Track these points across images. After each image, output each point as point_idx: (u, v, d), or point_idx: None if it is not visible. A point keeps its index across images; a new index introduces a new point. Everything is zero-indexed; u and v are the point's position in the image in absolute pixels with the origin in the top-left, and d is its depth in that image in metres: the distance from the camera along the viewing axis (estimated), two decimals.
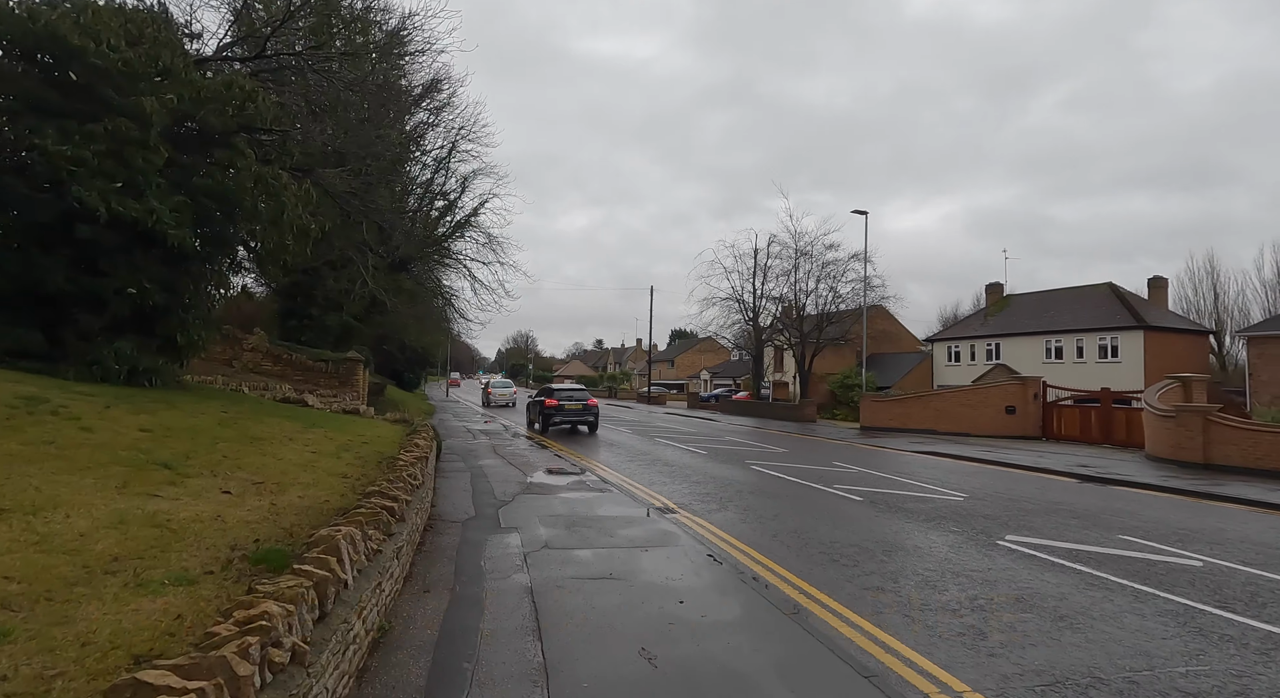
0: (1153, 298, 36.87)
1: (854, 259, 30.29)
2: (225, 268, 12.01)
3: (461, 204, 31.46)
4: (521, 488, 9.95)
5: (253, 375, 20.83)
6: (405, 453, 8.41)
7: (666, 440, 18.55)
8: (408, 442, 10.08)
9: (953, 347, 41.56)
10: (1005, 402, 22.79)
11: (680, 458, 14.42)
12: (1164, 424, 14.52)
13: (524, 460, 13.34)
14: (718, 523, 7.78)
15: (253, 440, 7.77)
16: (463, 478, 10.81)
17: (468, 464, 12.56)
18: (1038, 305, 38.83)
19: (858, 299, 30.38)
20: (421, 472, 7.41)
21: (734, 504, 8.99)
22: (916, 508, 8.90)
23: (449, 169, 30.22)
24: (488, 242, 31.47)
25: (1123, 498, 10.25)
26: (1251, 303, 48.90)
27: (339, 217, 22.04)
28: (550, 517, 7.90)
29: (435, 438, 12.64)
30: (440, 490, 9.44)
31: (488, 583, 5.31)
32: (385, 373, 44.95)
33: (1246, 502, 9.86)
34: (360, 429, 11.59)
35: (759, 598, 5.12)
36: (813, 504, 9.12)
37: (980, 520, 8.15)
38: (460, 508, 8.33)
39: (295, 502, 5.72)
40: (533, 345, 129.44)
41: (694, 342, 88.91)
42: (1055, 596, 5.31)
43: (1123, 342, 31.87)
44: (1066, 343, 34.49)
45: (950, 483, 11.30)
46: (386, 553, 4.31)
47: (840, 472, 12.47)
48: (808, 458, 15.01)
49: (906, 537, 7.24)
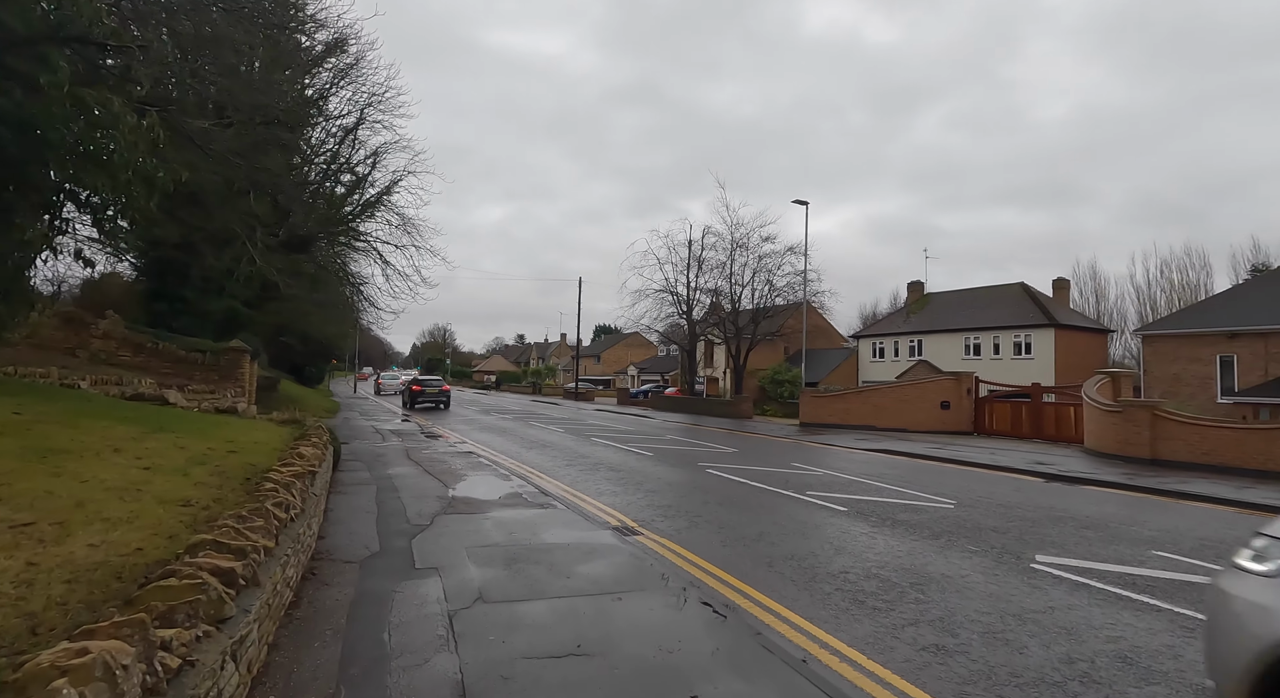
0: (1057, 298, 38.94)
1: (790, 252, 29.80)
2: (44, 227, 9.21)
3: (373, 180, 28.27)
4: (442, 505, 7.99)
5: (106, 368, 17.29)
6: (283, 466, 6.29)
7: (604, 440, 16.89)
8: (291, 449, 7.87)
9: (877, 343, 42.39)
10: (940, 397, 22.80)
11: (625, 461, 12.81)
12: (1109, 419, 14.44)
13: (444, 468, 11.28)
14: (695, 548, 6.23)
15: (46, 454, 5.43)
16: (366, 493, 8.69)
17: (374, 474, 10.38)
18: (957, 304, 40.18)
19: (794, 293, 29.94)
20: (301, 494, 5.38)
21: (704, 520, 7.48)
22: (912, 520, 7.74)
23: (357, 140, 27.03)
24: (402, 223, 28.50)
25: (1104, 500, 9.61)
26: (1129, 305, 53.30)
27: (220, 183, 18.84)
28: (483, 548, 6.06)
29: (332, 442, 10.37)
30: (334, 513, 7.33)
31: (394, 680, 3.45)
32: (283, 367, 40.49)
33: (1225, 501, 9.45)
34: (232, 433, 9.18)
35: (806, 685, 3.57)
36: (795, 519, 7.76)
37: (991, 535, 7.05)
38: (360, 538, 6.32)
39: (78, 556, 3.63)
40: (451, 340, 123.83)
41: (620, 337, 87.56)
42: (1169, 651, 4.11)
43: (1036, 339, 33.30)
44: (984, 340, 35.75)
45: (927, 486, 10.33)
46: (203, 667, 2.41)
47: (805, 475, 11.29)
48: (763, 459, 13.81)
49: (927, 563, 5.98)
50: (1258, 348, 27.83)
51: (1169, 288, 50.36)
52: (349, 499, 8.21)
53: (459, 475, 10.43)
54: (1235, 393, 27.53)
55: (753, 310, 31.10)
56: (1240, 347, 28.35)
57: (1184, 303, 46.75)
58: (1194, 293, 48.40)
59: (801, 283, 29.36)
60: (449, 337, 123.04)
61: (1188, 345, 29.58)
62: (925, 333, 39.21)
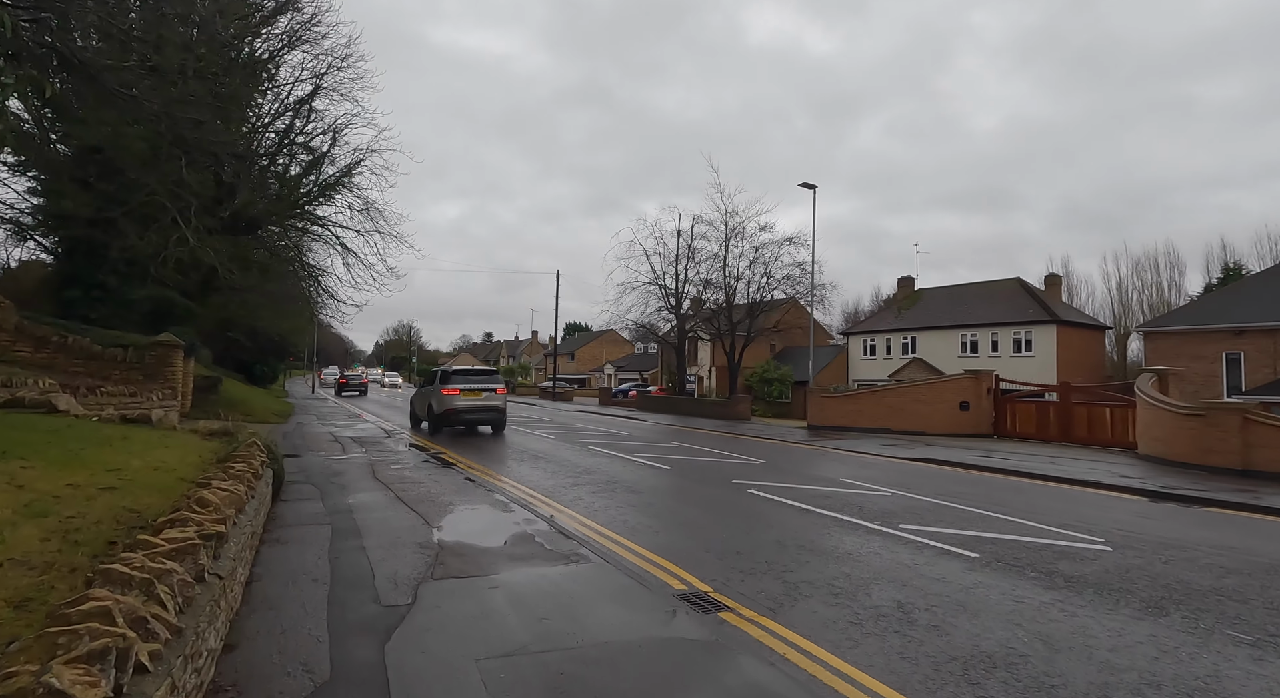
0: (1049, 294, 38.09)
1: (789, 242, 27.84)
2: None
3: (333, 158, 25.25)
4: (427, 560, 5.58)
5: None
6: (173, 526, 3.81)
7: (605, 449, 14.56)
8: (208, 478, 5.35)
9: (868, 340, 40.98)
10: (959, 397, 21.12)
11: (642, 478, 10.53)
12: (1185, 424, 12.77)
13: (422, 492, 8.81)
14: (838, 647, 4.01)
15: None
16: (315, 540, 6.21)
17: (329, 504, 7.86)
18: (949, 299, 39.01)
19: (793, 286, 28.00)
20: (195, 573, 2.94)
21: (810, 584, 5.26)
22: (1079, 573, 5.66)
23: (313, 111, 23.99)
24: (365, 207, 25.61)
25: (1266, 534, 7.75)
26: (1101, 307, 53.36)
27: (144, 148, 15.83)
28: (503, 661, 3.70)
29: (272, 462, 7.82)
30: (263, 585, 4.86)
31: None
32: (229, 365, 36.92)
33: None
34: (124, 456, 6.59)
35: None
36: (929, 575, 5.61)
37: (1231, 606, 5.01)
38: (298, 646, 3.88)
39: None
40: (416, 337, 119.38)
41: (593, 335, 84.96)
42: None
43: (1036, 335, 32.19)
44: (981, 337, 34.55)
45: (1031, 512, 8.32)
46: None
47: (871, 496, 9.18)
48: (800, 473, 11.69)
49: (1168, 659, 3.87)
50: (1265, 345, 27.07)
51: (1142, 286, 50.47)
52: (289, 554, 5.72)
53: (443, 505, 7.99)
54: (1243, 391, 26.69)
55: (748, 305, 29.10)
56: (1247, 343, 27.57)
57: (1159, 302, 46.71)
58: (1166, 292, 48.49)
59: (802, 275, 27.50)
60: (414, 334, 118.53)
61: (1192, 343, 28.72)
62: (918, 329, 37.91)
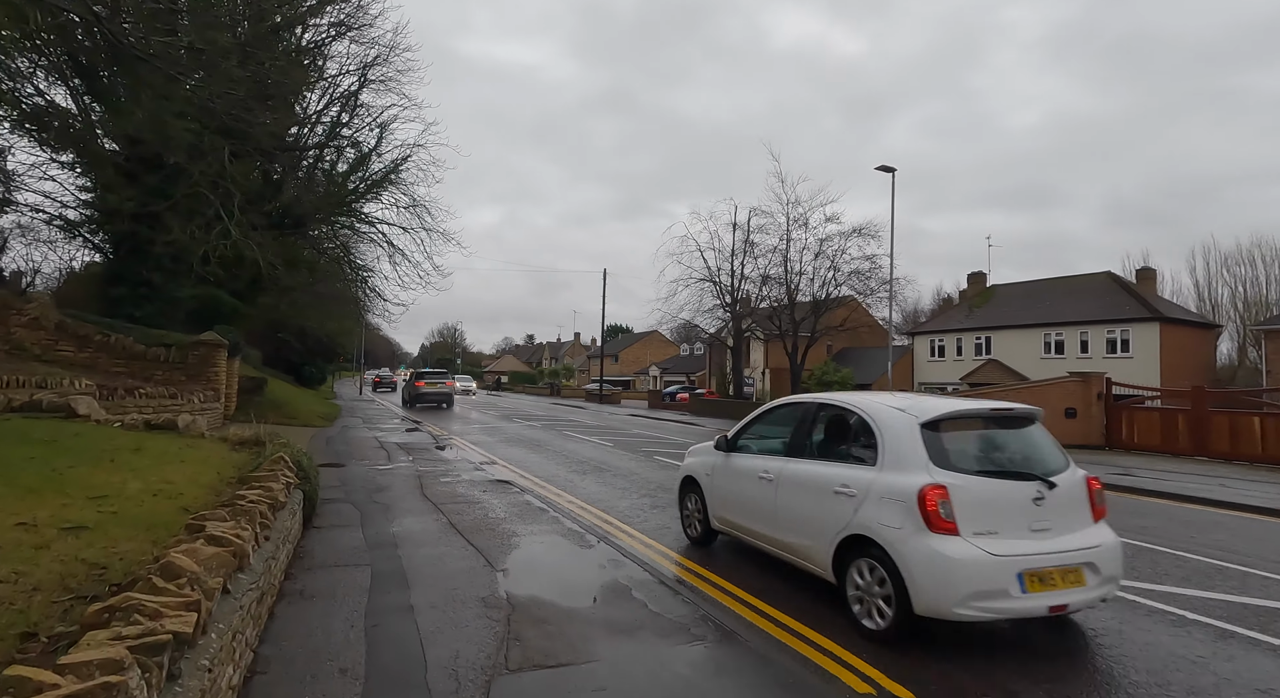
0: (1143, 290, 34.67)
1: (858, 234, 25.67)
2: None
3: (380, 152, 24.46)
4: (497, 635, 4.02)
5: (33, 364, 13.52)
6: (106, 625, 2.36)
7: (672, 460, 12.93)
8: (202, 517, 3.94)
9: (936, 340, 38.22)
10: (1064, 403, 18.69)
11: None
12: None
13: (478, 516, 7.33)
14: None
15: None
16: (349, 597, 4.72)
17: (369, 534, 6.44)
18: (1027, 296, 35.96)
19: (862, 281, 25.81)
20: None
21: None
22: None
23: (359, 106, 23.22)
24: (412, 204, 24.78)
25: None
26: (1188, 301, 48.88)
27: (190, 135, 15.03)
28: None
29: (301, 481, 6.47)
30: (269, 678, 3.39)
31: None
32: (280, 367, 36.82)
33: None
34: (121, 476, 5.30)
35: None
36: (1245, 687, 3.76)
37: None
38: None
39: None
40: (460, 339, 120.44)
41: (635, 336, 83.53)
42: None
43: (1135, 335, 29.05)
44: (1069, 336, 31.51)
45: None
46: None
47: None
48: None
49: None
50: None
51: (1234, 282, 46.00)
52: (312, 619, 4.25)
53: (505, 536, 6.48)
54: None
55: (811, 302, 27.04)
56: None
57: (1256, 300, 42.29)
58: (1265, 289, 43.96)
59: (872, 269, 25.32)
60: (459, 336, 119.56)
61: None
62: (993, 329, 35.01)
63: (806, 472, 4.73)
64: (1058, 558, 3.77)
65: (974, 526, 3.74)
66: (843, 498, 4.27)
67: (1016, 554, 3.69)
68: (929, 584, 3.68)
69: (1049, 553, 3.77)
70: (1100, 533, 4.05)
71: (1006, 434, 4.37)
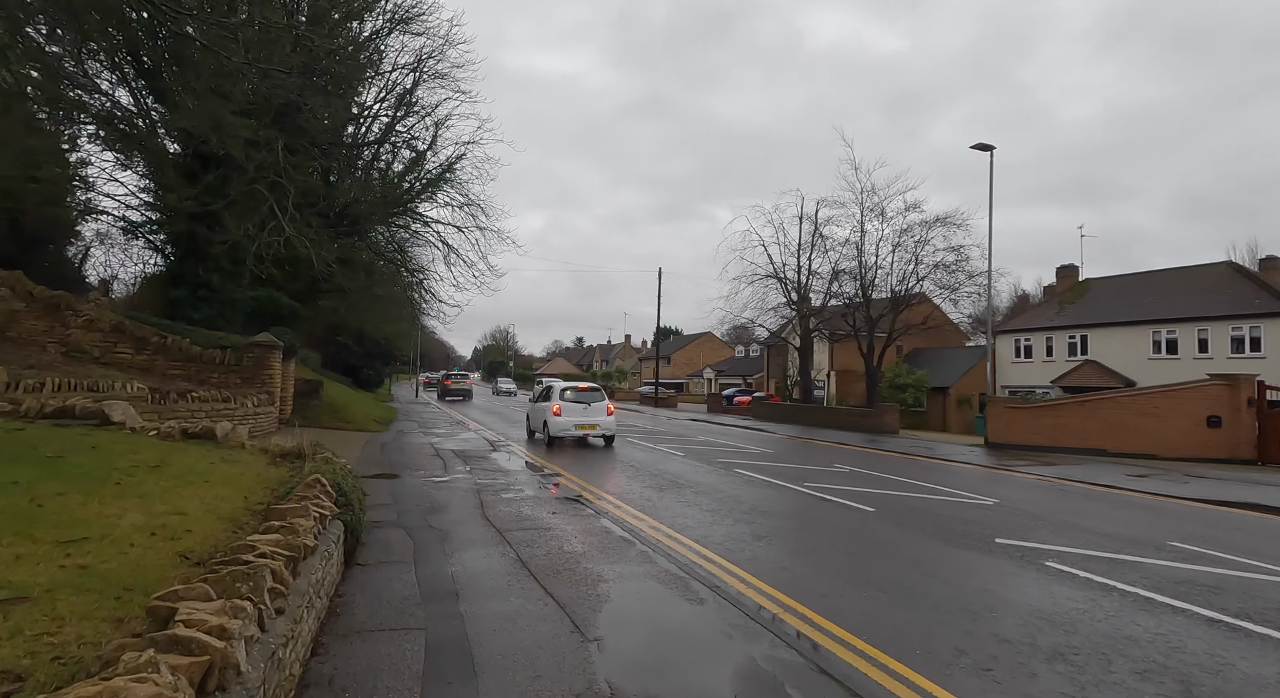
0: (1271, 279, 30.74)
1: (942, 223, 23.41)
2: None
3: (435, 150, 23.77)
4: None
5: (92, 366, 13.12)
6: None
7: (754, 473, 11.38)
8: (170, 593, 2.74)
9: (1022, 339, 35.05)
10: (1206, 410, 16.12)
11: (849, 526, 7.25)
12: None
13: (553, 551, 6.01)
14: None
15: None
16: (396, 685, 3.45)
17: (423, 577, 5.19)
18: (1127, 290, 32.49)
19: (949, 274, 23.50)
20: None
21: None
22: None
23: (415, 101, 22.55)
24: (466, 203, 23.97)
25: None
26: None
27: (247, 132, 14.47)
28: None
29: (343, 509, 5.28)
30: None
31: None
32: (338, 369, 36.96)
33: None
34: (120, 506, 4.20)
35: None
36: None
37: None
38: None
39: None
40: (512, 342, 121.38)
41: (688, 338, 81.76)
42: None
43: (1267, 332, 25.58)
44: (1183, 334, 28.11)
45: None
46: None
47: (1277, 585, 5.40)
48: (1077, 526, 7.94)
49: None
50: None
51: None
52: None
53: (590, 582, 5.12)
54: None
55: (889, 298, 24.88)
56: None
57: None
58: None
59: (958, 261, 22.98)
60: (510, 339, 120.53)
61: None
62: (1089, 326, 31.73)
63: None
64: (588, 422, 15.26)
65: (567, 413, 15.16)
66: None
67: (576, 419, 15.20)
68: (553, 427, 15.14)
69: (585, 420, 15.26)
70: (608, 418, 15.52)
71: (584, 393, 15.86)
